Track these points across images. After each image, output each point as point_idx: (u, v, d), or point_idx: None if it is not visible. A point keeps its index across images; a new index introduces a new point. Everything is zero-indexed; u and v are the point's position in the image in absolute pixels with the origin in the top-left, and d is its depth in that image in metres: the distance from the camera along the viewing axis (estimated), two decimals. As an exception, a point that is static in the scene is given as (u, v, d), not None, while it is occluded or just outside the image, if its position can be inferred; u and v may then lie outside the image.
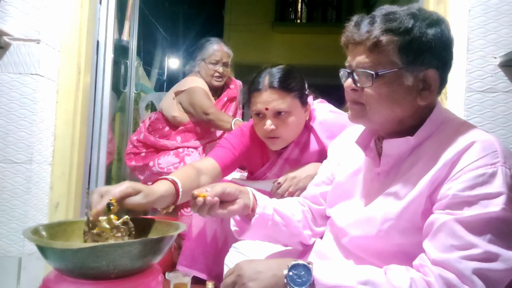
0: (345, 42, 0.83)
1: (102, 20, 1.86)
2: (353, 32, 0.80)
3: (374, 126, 0.86)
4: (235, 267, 0.82)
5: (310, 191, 1.10)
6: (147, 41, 3.11)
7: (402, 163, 0.82)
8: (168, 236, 0.78)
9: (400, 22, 0.76)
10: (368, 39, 0.77)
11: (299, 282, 0.73)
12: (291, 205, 1.06)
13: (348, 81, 0.83)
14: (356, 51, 0.80)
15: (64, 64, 1.54)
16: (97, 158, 1.87)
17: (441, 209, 0.72)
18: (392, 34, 0.76)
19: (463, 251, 0.67)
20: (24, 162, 1.38)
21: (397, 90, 0.78)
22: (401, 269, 0.72)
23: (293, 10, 5.13)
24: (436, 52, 0.78)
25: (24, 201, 1.37)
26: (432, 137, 0.80)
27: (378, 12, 0.80)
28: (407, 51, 0.76)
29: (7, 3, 1.39)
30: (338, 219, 0.93)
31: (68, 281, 0.73)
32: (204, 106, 2.17)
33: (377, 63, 0.78)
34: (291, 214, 1.01)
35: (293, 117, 1.34)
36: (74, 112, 1.58)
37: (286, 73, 1.35)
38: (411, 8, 0.80)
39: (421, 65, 0.77)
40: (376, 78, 0.77)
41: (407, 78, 0.77)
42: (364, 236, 0.84)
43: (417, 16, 0.77)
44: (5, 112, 1.38)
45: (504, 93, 1.33)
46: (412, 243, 0.77)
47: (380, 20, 0.77)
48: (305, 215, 1.05)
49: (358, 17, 0.81)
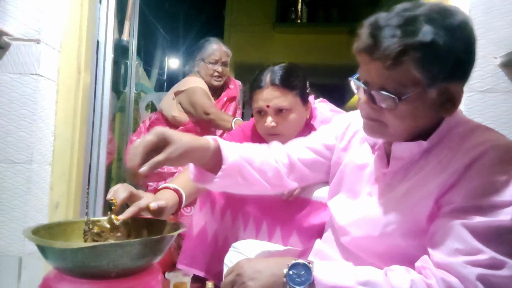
0: (359, 52, 0.75)
1: (102, 20, 1.86)
2: (368, 44, 0.72)
3: (391, 139, 0.82)
4: (235, 266, 0.82)
5: (302, 151, 1.04)
6: (147, 41, 3.11)
7: (411, 166, 0.80)
8: (168, 236, 0.78)
9: (422, 34, 0.67)
10: (386, 57, 0.69)
11: (299, 282, 0.73)
12: (262, 156, 1.00)
13: (365, 98, 0.77)
14: (372, 66, 0.73)
15: (64, 64, 1.54)
16: (97, 158, 1.87)
17: (449, 212, 0.70)
18: (413, 50, 0.68)
19: (468, 256, 0.65)
20: (24, 162, 1.38)
21: (419, 108, 0.73)
22: (401, 271, 0.70)
23: (294, 10, 5.12)
24: (461, 62, 0.72)
25: (24, 201, 1.37)
26: (443, 140, 0.77)
27: (395, 19, 0.70)
28: (430, 66, 0.69)
29: (7, 3, 1.39)
30: (338, 217, 0.91)
31: (68, 280, 0.73)
32: (205, 105, 2.17)
33: (397, 83, 0.71)
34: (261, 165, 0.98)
35: (294, 114, 1.34)
36: (74, 112, 1.58)
37: (287, 70, 1.35)
38: (432, 11, 0.70)
39: (444, 79, 0.71)
40: (399, 102, 0.71)
41: (430, 93, 0.71)
42: (366, 236, 0.83)
43: (440, 23, 0.68)
44: (5, 112, 1.38)
45: (504, 93, 1.33)
46: (415, 246, 0.75)
47: (399, 33, 0.68)
48: (276, 167, 1.01)
49: (373, 25, 0.72)
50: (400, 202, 0.78)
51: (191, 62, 2.39)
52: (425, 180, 0.75)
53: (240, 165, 0.92)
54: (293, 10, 5.08)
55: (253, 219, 1.37)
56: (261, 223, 1.35)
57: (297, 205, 1.33)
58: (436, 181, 0.73)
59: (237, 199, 1.41)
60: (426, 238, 0.73)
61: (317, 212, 1.29)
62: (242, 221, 1.39)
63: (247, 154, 0.96)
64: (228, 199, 1.42)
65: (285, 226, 1.32)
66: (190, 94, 2.24)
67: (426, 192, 0.74)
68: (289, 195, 1.32)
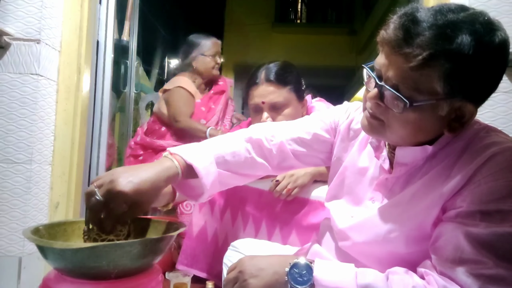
0: (384, 42, 0.68)
1: (102, 20, 1.86)
2: (397, 36, 0.65)
3: (387, 140, 0.80)
4: (237, 263, 0.82)
5: (299, 143, 0.97)
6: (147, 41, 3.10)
7: (415, 171, 0.76)
8: (168, 236, 0.78)
9: (460, 44, 0.61)
10: (414, 56, 0.63)
11: (300, 281, 0.72)
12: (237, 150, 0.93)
13: (374, 92, 0.71)
14: (393, 60, 0.66)
15: (64, 64, 1.54)
16: (97, 158, 1.87)
17: (454, 217, 0.67)
18: (444, 59, 0.62)
19: (472, 265, 0.63)
20: (24, 162, 1.38)
21: (426, 119, 0.68)
22: (403, 275, 0.68)
23: (293, 10, 5.13)
24: (485, 84, 0.67)
25: (24, 201, 1.37)
26: (448, 144, 0.73)
27: (434, 17, 0.63)
28: (455, 80, 0.63)
29: (7, 3, 1.39)
30: (338, 220, 0.89)
31: (68, 281, 0.72)
32: (177, 112, 2.20)
33: (415, 86, 0.65)
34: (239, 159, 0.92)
35: (290, 109, 1.37)
36: (74, 112, 1.58)
37: (282, 67, 1.39)
38: (476, 21, 0.63)
39: (464, 96, 0.65)
40: (409, 107, 0.66)
41: (442, 108, 0.66)
42: (367, 242, 0.80)
43: (481, 38, 0.62)
44: (5, 112, 1.38)
45: (504, 93, 1.33)
46: (418, 252, 0.73)
47: (435, 35, 0.62)
48: (262, 163, 0.96)
49: (408, 16, 0.65)
50: (404, 208, 0.75)
51: (186, 60, 2.38)
52: (430, 186, 0.72)
53: (221, 177, 0.89)
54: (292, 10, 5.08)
55: (252, 219, 1.38)
56: (261, 222, 1.36)
57: (296, 204, 1.34)
58: (442, 187, 0.70)
59: (237, 199, 1.41)
60: (429, 244, 0.71)
61: (316, 212, 1.30)
62: (241, 221, 1.40)
63: (226, 160, 0.90)
64: (228, 199, 1.42)
65: (284, 225, 1.32)
66: (172, 94, 2.27)
67: (431, 199, 0.71)
68: (288, 195, 1.32)
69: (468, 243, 0.64)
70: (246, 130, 0.99)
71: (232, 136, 0.97)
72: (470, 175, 0.67)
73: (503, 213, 0.63)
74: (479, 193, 0.65)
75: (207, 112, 2.33)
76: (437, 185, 0.71)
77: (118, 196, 0.71)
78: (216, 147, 0.91)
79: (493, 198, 0.64)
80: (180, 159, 0.81)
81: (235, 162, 0.92)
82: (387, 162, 0.82)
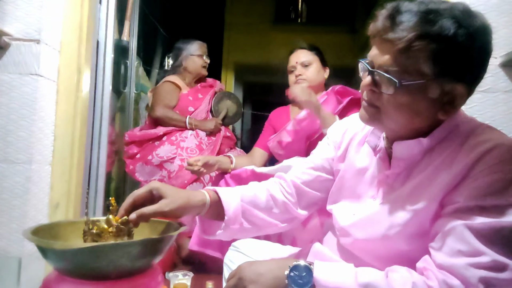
0: (373, 33, 0.73)
1: (102, 20, 1.87)
2: (385, 25, 0.70)
3: (386, 130, 0.82)
4: (237, 270, 0.82)
5: (306, 175, 1.01)
6: (147, 41, 3.10)
7: (414, 167, 0.78)
8: (168, 236, 0.78)
9: (441, 27, 0.66)
10: (399, 39, 0.68)
11: (300, 283, 0.72)
12: (261, 196, 0.97)
13: (367, 80, 0.75)
14: (383, 47, 0.72)
15: (64, 64, 1.54)
16: (97, 158, 1.87)
17: (452, 212, 0.68)
18: (429, 40, 0.66)
19: (471, 258, 0.64)
20: (24, 162, 1.38)
21: (418, 101, 0.71)
22: (403, 272, 0.69)
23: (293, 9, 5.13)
24: (472, 66, 0.70)
25: (24, 201, 1.37)
26: (445, 140, 0.75)
27: (417, 6, 0.69)
28: (441, 61, 0.67)
29: (7, 3, 1.39)
30: (340, 218, 0.90)
31: (68, 281, 0.72)
32: (156, 102, 2.38)
33: (403, 69, 0.69)
34: (266, 210, 0.96)
35: (314, 67, 1.89)
36: (74, 112, 1.58)
37: (310, 44, 1.97)
38: (455, 8, 0.69)
39: (452, 78, 0.69)
40: (399, 87, 0.70)
41: (433, 90, 0.70)
42: (368, 239, 0.81)
43: (461, 21, 0.67)
44: (5, 112, 1.38)
45: (504, 93, 1.33)
46: (418, 248, 0.74)
47: (418, 20, 0.67)
48: (284, 201, 0.98)
49: (393, 9, 0.71)
50: (403, 204, 0.76)
51: (176, 63, 2.54)
52: (429, 181, 0.74)
53: (244, 211, 0.92)
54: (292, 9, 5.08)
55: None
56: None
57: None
58: (440, 182, 0.71)
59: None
60: (428, 240, 0.72)
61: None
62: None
63: (249, 196, 0.95)
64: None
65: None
66: (156, 88, 2.47)
67: (430, 194, 0.72)
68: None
69: (466, 238, 0.65)
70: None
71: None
72: (467, 170, 0.69)
73: (500, 207, 0.65)
74: (476, 187, 0.67)
75: (194, 101, 2.46)
76: (435, 180, 0.72)
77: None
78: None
79: (490, 192, 0.66)
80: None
81: (256, 199, 0.96)
82: (386, 159, 0.83)
